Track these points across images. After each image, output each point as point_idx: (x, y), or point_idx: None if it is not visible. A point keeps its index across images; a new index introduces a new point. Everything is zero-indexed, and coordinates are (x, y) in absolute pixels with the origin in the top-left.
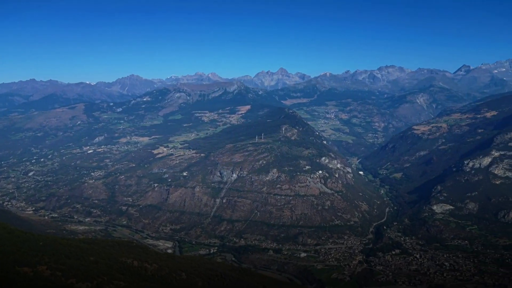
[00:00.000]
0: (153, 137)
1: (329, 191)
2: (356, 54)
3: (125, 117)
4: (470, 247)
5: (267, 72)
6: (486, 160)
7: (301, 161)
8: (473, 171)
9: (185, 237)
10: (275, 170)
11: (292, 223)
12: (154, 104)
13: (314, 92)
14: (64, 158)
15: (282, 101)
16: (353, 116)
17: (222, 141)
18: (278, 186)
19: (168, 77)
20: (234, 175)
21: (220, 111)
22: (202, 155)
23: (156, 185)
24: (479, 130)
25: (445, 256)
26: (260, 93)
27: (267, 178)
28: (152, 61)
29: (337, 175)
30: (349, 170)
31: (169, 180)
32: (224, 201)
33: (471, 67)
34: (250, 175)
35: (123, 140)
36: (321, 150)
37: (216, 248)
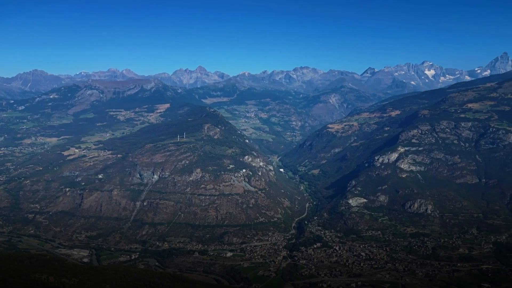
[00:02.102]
0: (62, 137)
1: (253, 189)
2: (273, 55)
3: (29, 116)
4: (383, 236)
5: (186, 70)
6: (394, 156)
7: (225, 160)
8: (382, 166)
9: (103, 244)
10: (198, 169)
11: (217, 223)
12: (63, 102)
13: (234, 91)
14: None
15: (202, 100)
16: (272, 115)
17: (140, 140)
18: (202, 186)
19: (78, 73)
20: (155, 176)
21: (137, 109)
22: (119, 156)
23: (68, 189)
24: (386, 128)
25: (361, 246)
26: (179, 91)
27: (191, 178)
28: (58, 56)
29: (260, 173)
30: (271, 168)
31: (83, 183)
32: (145, 203)
33: (376, 70)
34: (173, 176)
35: (27, 141)
36: (244, 149)
37: (137, 253)
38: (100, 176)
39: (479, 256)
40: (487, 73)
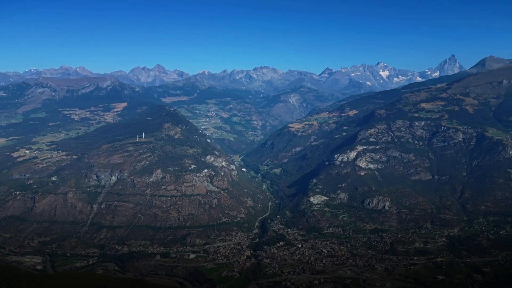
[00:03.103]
0: (11, 138)
1: (215, 189)
2: (233, 54)
3: None
4: (343, 233)
5: (143, 68)
6: (353, 154)
7: (186, 160)
8: (342, 164)
9: (58, 250)
10: (159, 170)
11: (179, 224)
12: (11, 101)
13: (194, 90)
14: None
15: (161, 99)
16: (233, 115)
17: (97, 141)
18: (163, 187)
19: (27, 70)
20: (113, 177)
21: (93, 108)
22: (74, 157)
23: (18, 193)
24: (345, 127)
25: (323, 243)
26: (137, 89)
27: (151, 179)
28: (6, 52)
29: (222, 173)
30: (234, 167)
31: (35, 186)
32: (102, 206)
33: (333, 70)
34: (132, 177)
35: None
36: (205, 148)
37: (95, 258)
38: (53, 179)
39: (434, 250)
40: (436, 74)
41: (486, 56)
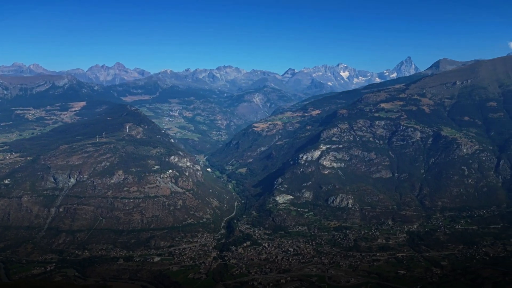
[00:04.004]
0: None
1: (180, 190)
2: (196, 53)
3: None
4: (309, 231)
5: (102, 66)
6: (316, 153)
7: (149, 161)
8: (306, 164)
9: (12, 257)
10: (121, 171)
11: (143, 227)
12: None
13: (156, 89)
14: None
15: (122, 98)
16: (197, 114)
17: (54, 141)
18: (126, 188)
19: None
20: (72, 179)
21: (49, 107)
22: (28, 158)
23: None
24: (308, 127)
25: (289, 242)
26: (96, 88)
27: (112, 181)
28: None
29: (187, 174)
30: (198, 167)
31: None
32: (61, 210)
33: (296, 70)
34: (92, 179)
35: None
36: (169, 148)
37: (54, 264)
38: (6, 182)
39: (395, 245)
40: (394, 75)
41: (440, 58)
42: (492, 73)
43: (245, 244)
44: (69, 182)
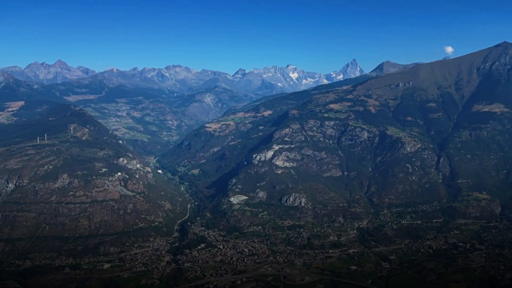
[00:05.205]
0: None
1: (130, 193)
2: (143, 51)
3: None
4: (263, 231)
5: (42, 64)
6: (270, 153)
7: (96, 164)
8: (260, 164)
9: None
10: (65, 175)
11: (91, 232)
12: None
13: (102, 88)
14: None
15: (64, 97)
16: (146, 114)
17: None
18: (71, 193)
19: None
20: (10, 184)
21: None
22: None
23: None
24: (261, 127)
25: (244, 243)
26: (35, 87)
27: (56, 185)
28: None
29: (137, 176)
30: (149, 169)
31: None
32: None
33: (246, 71)
34: (33, 183)
35: None
36: (118, 150)
37: None
38: None
39: (346, 242)
40: (340, 77)
41: (383, 61)
42: (431, 76)
43: (199, 247)
44: (7, 187)
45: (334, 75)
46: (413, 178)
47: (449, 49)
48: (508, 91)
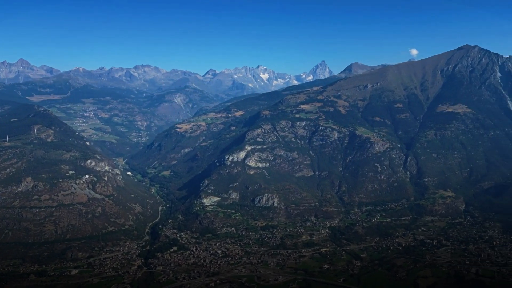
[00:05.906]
0: None
1: (99, 196)
2: (111, 51)
3: None
4: (236, 232)
5: (3, 63)
6: (242, 154)
7: (62, 166)
8: (232, 164)
9: None
10: (29, 178)
11: (57, 238)
12: None
13: (67, 88)
14: None
15: (27, 97)
16: (114, 115)
17: None
18: (36, 197)
19: None
20: None
21: None
22: None
23: None
24: (233, 128)
25: (217, 244)
26: None
27: (20, 189)
28: None
29: (106, 178)
30: (118, 171)
31: None
32: None
33: (217, 71)
34: None
35: None
36: (85, 152)
37: None
38: None
39: (319, 241)
40: (310, 78)
41: (352, 62)
42: (398, 77)
43: (171, 250)
44: None
45: (304, 76)
46: (382, 177)
47: (414, 51)
48: (470, 93)
